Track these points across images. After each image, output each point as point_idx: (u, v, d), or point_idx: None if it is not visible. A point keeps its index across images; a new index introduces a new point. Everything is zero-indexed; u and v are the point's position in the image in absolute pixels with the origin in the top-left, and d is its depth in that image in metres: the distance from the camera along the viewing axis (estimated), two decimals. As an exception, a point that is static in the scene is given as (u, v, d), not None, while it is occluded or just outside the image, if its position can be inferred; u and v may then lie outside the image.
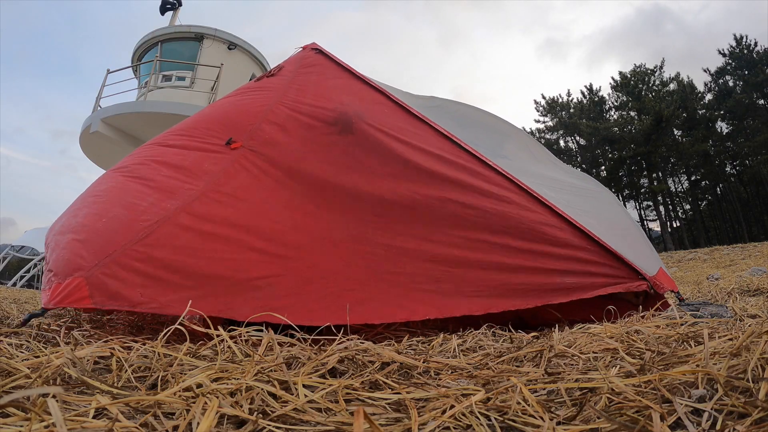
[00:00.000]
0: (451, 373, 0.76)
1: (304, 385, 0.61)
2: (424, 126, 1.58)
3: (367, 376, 0.71)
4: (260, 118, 1.55)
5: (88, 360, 0.69)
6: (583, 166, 29.53)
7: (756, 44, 26.90)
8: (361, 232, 1.37)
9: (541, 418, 0.50)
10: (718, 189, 31.69)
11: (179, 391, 0.56)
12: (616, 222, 1.64)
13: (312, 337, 1.08)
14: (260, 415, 0.51)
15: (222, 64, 7.63)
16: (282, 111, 1.59)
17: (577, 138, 31.81)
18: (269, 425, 0.49)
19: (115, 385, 0.61)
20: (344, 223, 1.38)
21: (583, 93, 32.31)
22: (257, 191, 1.38)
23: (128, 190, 1.33)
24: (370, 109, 1.61)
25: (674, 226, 31.92)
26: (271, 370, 0.67)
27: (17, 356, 0.70)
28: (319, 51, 1.87)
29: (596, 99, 31.64)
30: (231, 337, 0.86)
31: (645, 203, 31.97)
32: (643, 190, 30.53)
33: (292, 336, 1.16)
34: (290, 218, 1.36)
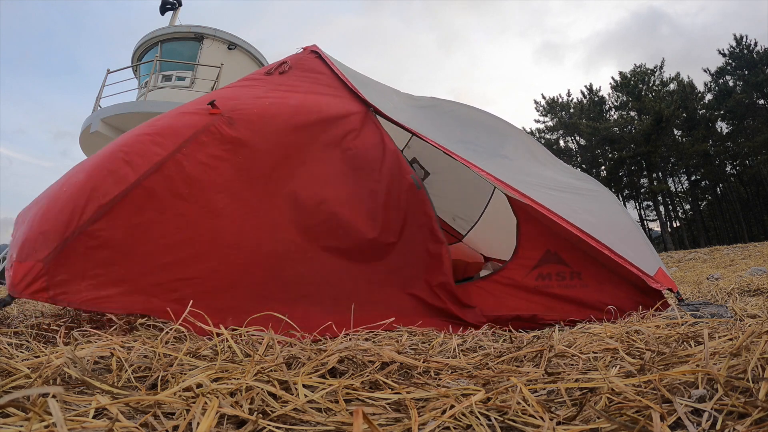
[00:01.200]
0: (451, 373, 0.76)
1: (304, 385, 0.61)
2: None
3: (367, 376, 0.70)
4: (245, 105, 1.52)
5: (88, 360, 0.69)
6: (583, 166, 29.54)
7: (756, 44, 26.91)
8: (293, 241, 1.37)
9: (541, 418, 0.50)
10: (718, 189, 31.70)
11: (179, 391, 0.56)
12: (616, 222, 1.64)
13: (314, 335, 1.08)
14: (260, 415, 0.51)
15: (222, 64, 7.64)
16: (264, 104, 1.57)
17: (577, 138, 31.81)
18: (269, 425, 0.49)
19: (115, 385, 0.61)
20: (280, 229, 1.38)
21: (583, 93, 32.32)
22: (217, 175, 1.33)
23: (101, 155, 1.28)
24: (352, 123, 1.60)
25: (674, 226, 31.94)
26: (271, 370, 0.67)
27: (17, 356, 0.70)
28: (318, 56, 1.87)
29: (596, 99, 31.65)
30: (231, 337, 0.86)
31: (645, 203, 31.98)
32: (643, 190, 30.55)
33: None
34: (238, 211, 1.32)
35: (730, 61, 27.77)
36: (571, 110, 31.78)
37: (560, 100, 32.34)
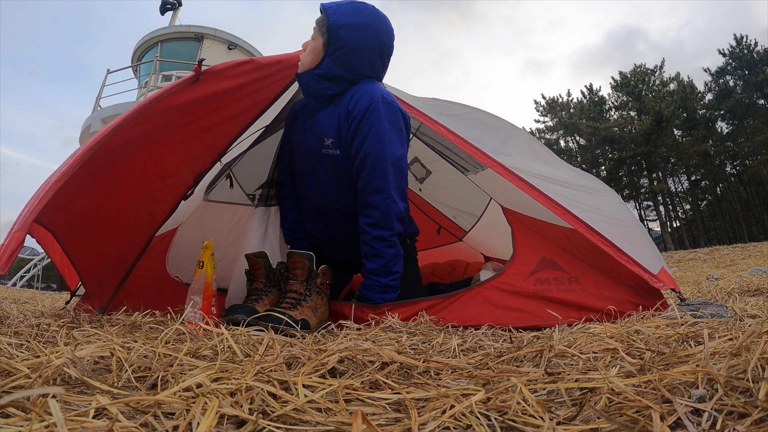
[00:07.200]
0: (451, 373, 0.76)
1: (304, 385, 0.61)
2: None
3: (367, 376, 0.71)
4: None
5: (88, 360, 0.69)
6: (583, 166, 29.55)
7: (756, 44, 26.91)
8: None
9: (541, 418, 0.50)
10: (718, 189, 31.71)
11: (179, 391, 0.56)
12: (619, 220, 1.64)
13: (313, 332, 1.08)
14: (260, 415, 0.51)
15: (222, 64, 7.64)
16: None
17: (577, 138, 31.82)
18: (269, 425, 0.49)
19: (115, 385, 0.61)
20: None
21: (583, 93, 32.33)
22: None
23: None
24: None
25: (674, 226, 31.96)
26: (271, 370, 0.67)
27: (17, 356, 0.70)
28: None
29: (596, 99, 31.66)
30: (232, 336, 0.86)
31: (645, 203, 31.99)
32: (643, 190, 30.56)
33: (292, 336, 1.16)
34: None
35: (730, 61, 27.76)
36: (571, 110, 31.78)
37: (560, 100, 32.32)
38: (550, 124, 32.38)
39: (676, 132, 28.90)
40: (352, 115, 1.51)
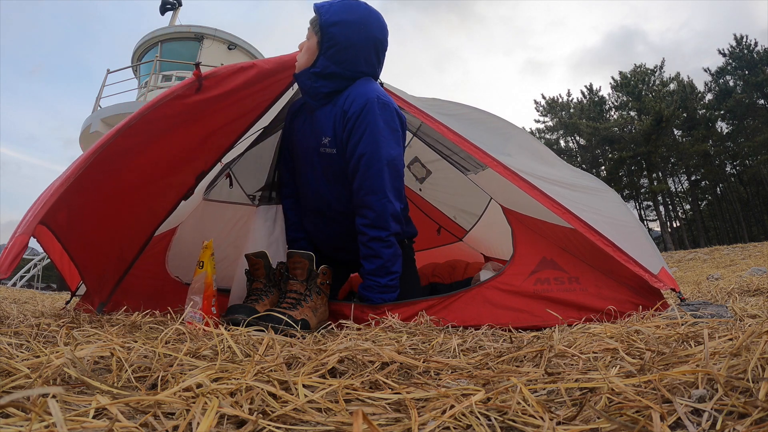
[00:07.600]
0: (451, 373, 0.76)
1: (304, 385, 0.61)
2: None
3: (367, 376, 0.71)
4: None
5: (88, 360, 0.69)
6: (583, 166, 29.54)
7: (756, 44, 26.92)
8: None
9: (541, 418, 0.50)
10: (718, 189, 31.71)
11: (179, 391, 0.56)
12: (620, 220, 1.64)
13: (313, 332, 1.08)
14: (260, 415, 0.51)
15: (222, 65, 7.65)
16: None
17: (577, 138, 31.82)
18: (269, 425, 0.49)
19: (115, 385, 0.61)
20: None
21: (583, 93, 32.33)
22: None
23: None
24: None
25: (674, 226, 31.95)
26: (271, 370, 0.67)
27: (17, 356, 0.70)
28: None
29: (596, 99, 31.65)
30: (231, 336, 0.86)
31: (645, 203, 31.98)
32: (643, 190, 30.54)
33: (292, 336, 1.16)
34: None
35: (730, 61, 27.76)
36: (571, 110, 31.77)
37: (560, 100, 32.31)
38: (550, 124, 32.38)
39: (676, 132, 28.89)
40: (347, 115, 1.52)
